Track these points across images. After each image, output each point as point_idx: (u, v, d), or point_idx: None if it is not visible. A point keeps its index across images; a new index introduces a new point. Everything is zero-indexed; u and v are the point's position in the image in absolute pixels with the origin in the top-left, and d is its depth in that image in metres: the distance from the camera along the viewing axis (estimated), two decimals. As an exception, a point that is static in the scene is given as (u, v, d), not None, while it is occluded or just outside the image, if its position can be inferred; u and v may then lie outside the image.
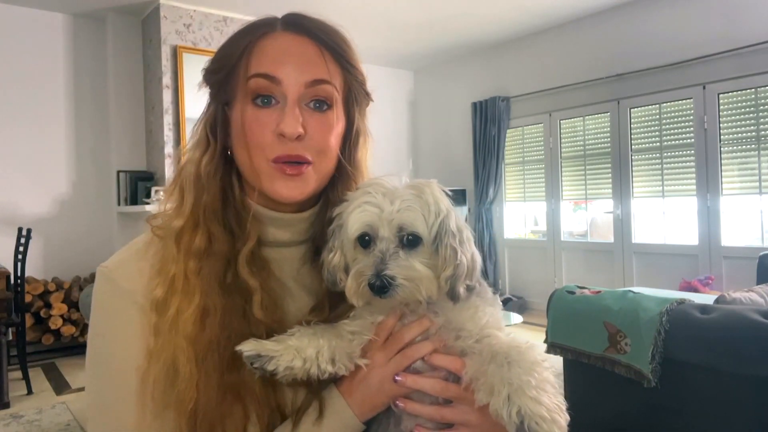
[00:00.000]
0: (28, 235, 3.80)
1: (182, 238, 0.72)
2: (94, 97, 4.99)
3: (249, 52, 0.72)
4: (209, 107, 0.78)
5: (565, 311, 2.35)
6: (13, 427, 3.05)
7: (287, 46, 0.73)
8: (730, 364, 1.79)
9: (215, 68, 0.76)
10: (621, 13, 5.00)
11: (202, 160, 0.75)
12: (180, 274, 0.70)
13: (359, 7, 4.91)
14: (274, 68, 0.71)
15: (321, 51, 0.73)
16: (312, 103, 0.73)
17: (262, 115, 0.71)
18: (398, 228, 0.69)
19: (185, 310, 0.69)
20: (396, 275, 0.67)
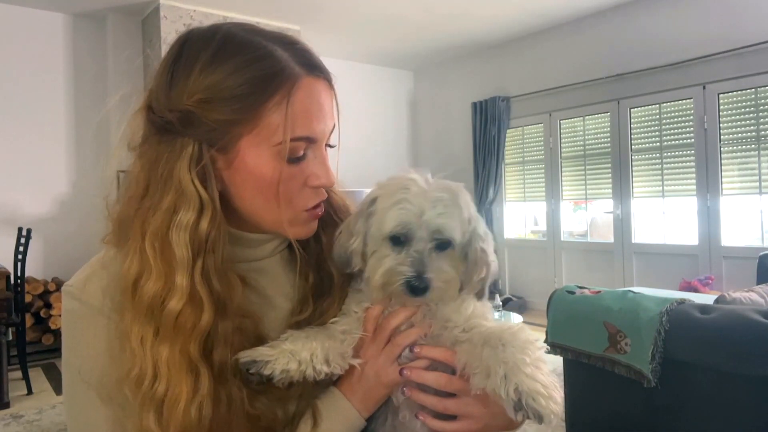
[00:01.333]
0: (28, 235, 3.80)
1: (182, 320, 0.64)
2: (94, 97, 4.99)
3: (289, 111, 0.66)
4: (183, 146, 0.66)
5: (565, 311, 2.35)
6: (13, 427, 3.05)
7: (320, 98, 0.71)
8: (730, 364, 1.79)
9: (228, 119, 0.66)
10: (621, 13, 5.00)
11: (201, 225, 0.66)
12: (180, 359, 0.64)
13: (359, 7, 4.91)
14: (314, 129, 0.70)
15: (332, 94, 0.74)
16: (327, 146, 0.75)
17: (295, 171, 0.70)
18: (435, 231, 0.71)
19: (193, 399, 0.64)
20: (434, 278, 0.69)
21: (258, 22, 5.64)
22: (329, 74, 0.73)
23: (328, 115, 0.72)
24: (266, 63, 0.67)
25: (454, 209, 0.72)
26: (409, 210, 0.71)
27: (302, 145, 0.69)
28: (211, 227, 0.67)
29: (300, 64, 0.70)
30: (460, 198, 0.73)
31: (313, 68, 0.71)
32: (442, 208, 0.71)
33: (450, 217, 0.71)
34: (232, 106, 0.65)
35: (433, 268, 0.70)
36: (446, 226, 0.71)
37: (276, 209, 0.70)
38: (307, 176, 0.71)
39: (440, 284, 0.70)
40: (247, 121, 0.66)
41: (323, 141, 0.72)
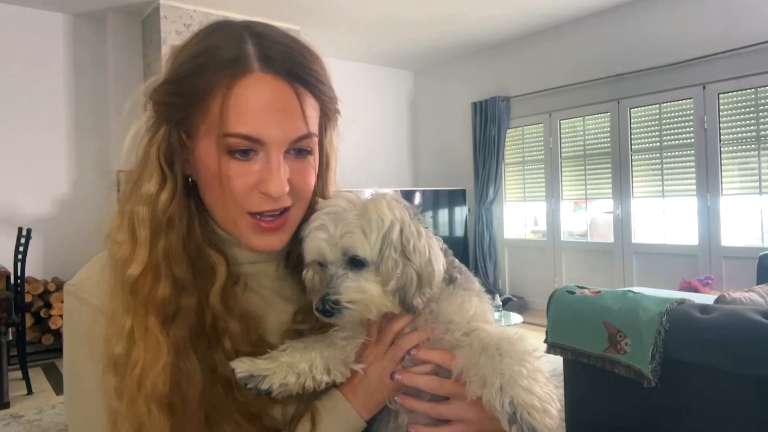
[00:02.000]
0: (28, 235, 3.80)
1: (140, 289, 0.66)
2: (94, 97, 4.99)
3: (224, 103, 0.64)
4: (158, 128, 0.69)
5: (565, 311, 2.35)
6: (13, 427, 3.05)
7: (269, 98, 0.65)
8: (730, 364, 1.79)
9: (176, 102, 0.67)
10: (621, 13, 5.00)
11: (159, 199, 0.68)
12: (140, 328, 0.65)
13: (359, 7, 4.91)
14: (258, 130, 0.65)
15: (301, 97, 0.67)
16: (293, 152, 0.69)
17: (240, 168, 0.66)
18: (343, 251, 0.69)
19: (151, 368, 0.64)
20: (340, 299, 0.68)
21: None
22: (293, 72, 0.67)
23: (285, 117, 0.66)
24: (222, 51, 0.66)
25: (359, 224, 0.69)
26: (319, 237, 0.70)
27: (244, 143, 0.65)
28: (169, 202, 0.68)
29: (260, 59, 0.66)
30: (370, 210, 0.69)
31: (270, 63, 0.66)
32: (346, 227, 0.69)
33: (353, 234, 0.68)
34: (184, 90, 0.66)
35: (342, 289, 0.68)
36: (348, 243, 0.68)
37: (223, 208, 0.69)
38: (258, 180, 0.67)
39: (348, 305, 0.68)
40: (199, 108, 0.66)
41: (277, 144, 0.66)
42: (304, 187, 0.71)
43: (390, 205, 0.70)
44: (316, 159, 0.73)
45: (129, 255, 0.68)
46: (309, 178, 0.72)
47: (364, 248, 0.69)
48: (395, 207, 0.70)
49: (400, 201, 0.72)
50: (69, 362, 0.71)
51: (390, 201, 0.71)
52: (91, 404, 0.69)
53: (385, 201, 0.71)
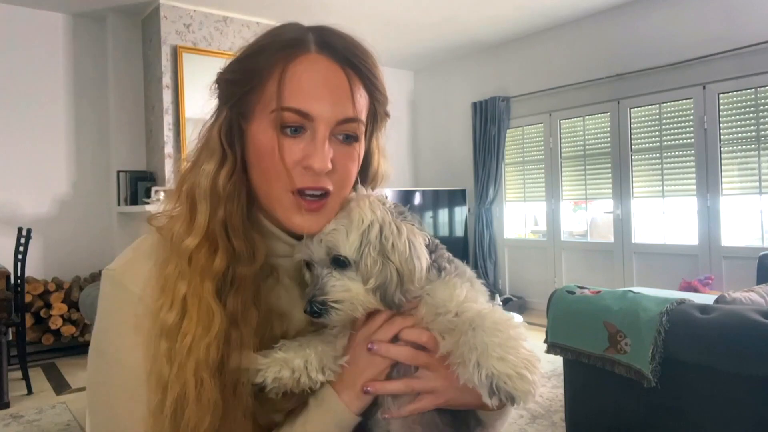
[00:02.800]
0: (28, 235, 3.80)
1: (196, 257, 0.69)
2: (94, 97, 4.99)
3: (282, 78, 0.69)
4: (221, 113, 0.74)
5: (565, 311, 2.35)
6: (13, 427, 3.05)
7: (322, 76, 0.70)
8: (730, 364, 1.79)
9: (238, 79, 0.72)
10: (621, 13, 5.00)
11: (220, 175, 0.72)
12: (193, 296, 0.67)
13: (359, 7, 4.91)
14: (309, 105, 0.68)
15: (352, 82, 0.71)
16: (341, 136, 0.72)
17: (289, 143, 0.69)
18: (326, 250, 0.70)
19: (204, 336, 0.66)
20: (326, 299, 0.69)
21: (258, 23, 5.64)
22: (350, 60, 0.71)
23: (336, 97, 0.69)
24: (282, 36, 0.72)
25: (343, 223, 0.70)
26: (307, 237, 0.72)
27: (295, 118, 0.68)
28: (229, 177, 0.72)
29: (316, 42, 0.71)
30: (353, 210, 0.71)
31: (326, 47, 0.71)
32: (333, 225, 0.71)
33: (336, 233, 0.70)
34: (246, 68, 0.71)
35: (327, 289, 0.69)
36: (331, 242, 0.70)
37: (269, 186, 0.71)
38: (303, 155, 0.69)
39: (335, 305, 0.69)
40: (257, 86, 0.70)
41: (325, 122, 0.69)
42: (345, 172, 0.73)
43: (372, 204, 0.71)
44: (361, 149, 0.75)
45: (186, 227, 0.71)
46: (352, 164, 0.74)
47: (344, 247, 0.69)
48: (377, 206, 0.71)
49: (383, 200, 0.73)
50: (98, 348, 0.72)
51: (373, 201, 0.72)
52: (116, 394, 0.69)
53: (368, 201, 0.72)
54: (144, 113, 5.00)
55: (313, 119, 0.69)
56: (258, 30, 0.77)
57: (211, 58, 4.77)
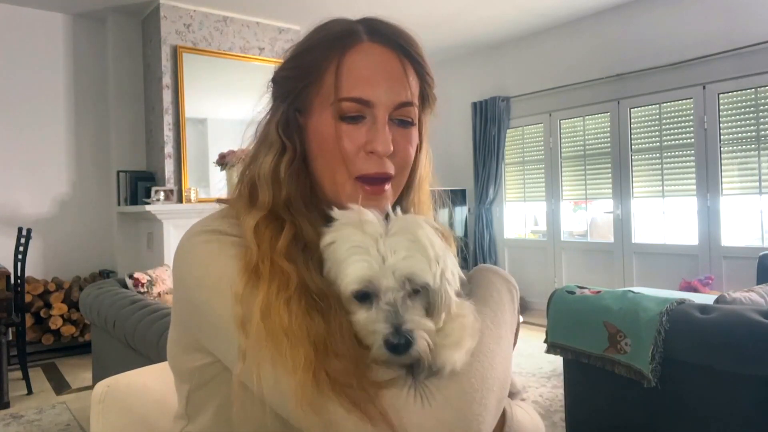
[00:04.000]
0: (28, 235, 3.80)
1: (262, 230, 0.68)
2: (94, 97, 4.99)
3: (339, 70, 0.71)
4: (278, 108, 0.76)
5: (565, 311, 2.35)
6: (13, 427, 3.05)
7: (377, 63, 0.72)
8: (730, 364, 1.80)
9: (294, 75, 0.74)
10: (621, 13, 5.00)
11: (281, 163, 0.73)
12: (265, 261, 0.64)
13: (359, 7, 4.90)
14: (368, 92, 0.70)
15: (405, 67, 0.73)
16: (397, 121, 0.73)
17: (350, 130, 0.71)
18: (404, 279, 0.62)
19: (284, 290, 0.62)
20: (414, 329, 0.61)
21: (258, 23, 5.64)
22: (401, 46, 0.73)
23: (391, 82, 0.71)
24: (333, 30, 0.74)
25: (418, 251, 0.63)
26: (368, 262, 0.62)
27: (355, 107, 0.70)
28: (288, 166, 0.73)
29: (366, 32, 0.73)
30: (421, 236, 0.64)
31: (377, 35, 0.73)
32: (405, 252, 0.63)
33: (417, 261, 0.63)
34: (302, 64, 0.74)
35: (411, 318, 0.61)
36: (415, 270, 0.63)
37: (332, 174, 0.73)
38: (365, 141, 0.71)
39: (423, 335, 0.61)
40: (314, 80, 0.72)
41: (384, 107, 0.71)
42: (405, 155, 0.75)
43: (432, 230, 0.67)
44: (416, 133, 0.77)
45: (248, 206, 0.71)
46: (410, 147, 0.75)
47: (429, 275, 0.63)
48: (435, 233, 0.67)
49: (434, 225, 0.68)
50: (205, 298, 0.67)
51: (429, 226, 0.67)
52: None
53: (429, 225, 0.67)
54: (144, 113, 5.00)
55: (373, 105, 0.71)
56: (258, 30, 0.77)
57: (211, 58, 4.77)
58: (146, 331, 2.21)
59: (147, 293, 3.11)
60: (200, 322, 0.69)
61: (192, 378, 0.75)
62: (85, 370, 4.03)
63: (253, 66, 4.87)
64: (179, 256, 0.72)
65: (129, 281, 3.16)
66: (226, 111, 4.81)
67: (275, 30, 5.15)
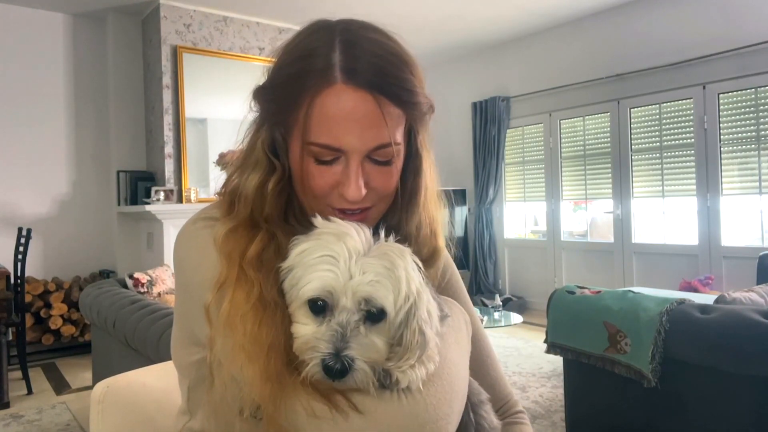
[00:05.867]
0: (28, 235, 3.80)
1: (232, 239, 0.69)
2: (94, 97, 4.99)
3: (308, 113, 0.68)
4: (262, 125, 0.75)
5: (565, 311, 2.35)
6: (13, 427, 3.05)
7: (349, 109, 0.67)
8: (730, 364, 1.80)
9: (272, 99, 0.72)
10: (621, 13, 5.00)
11: (268, 183, 0.72)
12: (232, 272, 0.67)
13: (359, 8, 4.91)
14: (338, 140, 0.67)
15: (381, 107, 0.68)
16: (374, 160, 0.71)
17: (324, 171, 0.70)
18: (363, 301, 0.60)
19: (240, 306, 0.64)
20: (357, 357, 0.58)
21: (258, 23, 5.63)
22: (376, 84, 0.68)
23: (365, 128, 0.67)
24: (309, 62, 0.69)
25: (388, 278, 0.61)
26: (333, 273, 0.60)
27: (325, 152, 0.68)
28: (275, 186, 0.73)
29: (343, 70, 0.67)
30: (399, 267, 0.62)
31: (354, 77, 0.67)
32: (373, 275, 0.60)
33: (383, 287, 0.60)
34: (280, 97, 0.71)
35: (358, 344, 0.59)
36: (376, 294, 0.60)
37: (311, 200, 0.73)
38: (336, 181, 0.70)
39: (363, 366, 0.59)
40: (291, 113, 0.70)
41: (356, 153, 0.68)
42: (384, 189, 0.73)
43: (414, 265, 0.64)
44: (399, 163, 0.74)
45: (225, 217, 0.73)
46: (389, 181, 0.73)
47: (390, 306, 0.61)
48: (416, 270, 0.64)
49: (417, 260, 0.66)
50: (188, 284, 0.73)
51: (412, 260, 0.65)
52: None
53: (409, 259, 0.64)
54: (144, 113, 5.00)
55: (344, 152, 0.68)
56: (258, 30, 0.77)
57: (211, 58, 4.77)
58: (146, 331, 2.21)
59: (147, 293, 3.11)
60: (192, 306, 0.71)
61: (191, 373, 0.76)
62: (85, 370, 4.03)
63: (253, 66, 4.87)
64: (177, 242, 0.75)
65: (129, 281, 3.16)
66: (226, 111, 4.81)
67: (275, 30, 5.15)
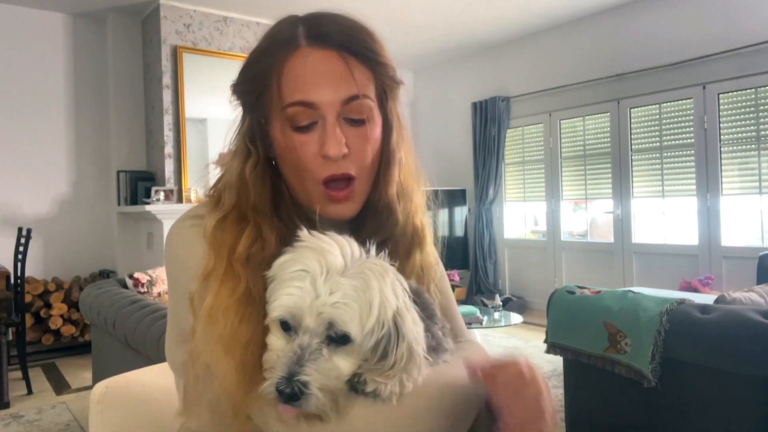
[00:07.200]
0: (28, 235, 3.80)
1: (220, 233, 0.70)
2: (94, 97, 4.99)
3: (279, 79, 0.71)
4: (244, 120, 0.78)
5: (565, 311, 2.35)
6: (13, 427, 3.05)
7: (315, 66, 0.71)
8: (730, 364, 1.79)
9: (245, 89, 0.76)
10: (621, 13, 5.00)
11: (245, 168, 0.74)
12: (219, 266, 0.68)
13: (359, 8, 4.89)
14: (308, 94, 0.70)
15: (348, 63, 0.72)
16: (350, 120, 0.72)
17: (305, 139, 0.71)
18: (327, 323, 0.58)
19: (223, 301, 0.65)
20: (310, 382, 0.56)
21: (258, 23, 5.63)
22: (341, 44, 0.72)
23: (333, 80, 0.70)
24: (274, 38, 0.74)
25: (357, 300, 0.58)
26: (298, 295, 0.59)
27: (302, 111, 0.70)
28: (254, 168, 0.74)
29: (306, 36, 0.72)
30: (373, 289, 0.59)
31: (316, 38, 0.72)
32: (340, 297, 0.58)
33: (349, 310, 0.57)
34: (252, 75, 0.74)
35: (316, 369, 0.57)
36: (340, 318, 0.57)
37: (298, 180, 0.74)
38: (318, 146, 0.71)
39: (317, 393, 0.56)
40: (264, 92, 0.73)
41: (329, 107, 0.70)
42: (362, 155, 0.74)
43: (394, 286, 0.61)
44: (375, 126, 0.75)
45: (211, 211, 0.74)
46: (367, 145, 0.74)
47: (357, 330, 0.58)
48: (399, 290, 0.62)
49: (401, 279, 0.64)
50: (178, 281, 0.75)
51: (395, 281, 0.62)
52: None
53: (389, 279, 0.61)
54: (144, 113, 5.00)
55: (318, 107, 0.70)
56: (258, 30, 0.78)
57: (211, 58, 4.76)
58: (146, 331, 2.21)
59: (147, 293, 3.11)
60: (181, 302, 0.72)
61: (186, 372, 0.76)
62: (85, 370, 4.03)
63: (253, 66, 4.87)
64: (166, 241, 0.78)
65: (129, 281, 3.16)
66: (226, 111, 4.76)
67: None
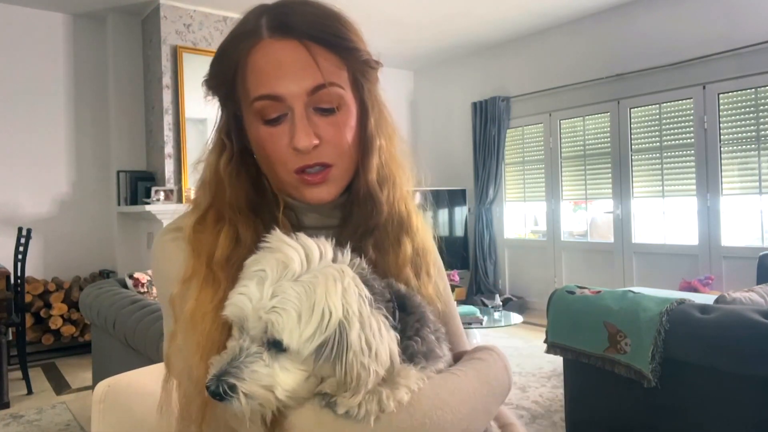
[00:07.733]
0: (28, 235, 3.80)
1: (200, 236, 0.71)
2: (94, 97, 4.99)
3: (244, 73, 0.71)
4: (221, 115, 0.78)
5: (565, 311, 2.35)
6: (13, 427, 3.05)
7: (278, 57, 0.69)
8: (730, 364, 1.80)
9: (215, 84, 0.76)
10: (621, 13, 5.00)
11: (220, 162, 0.75)
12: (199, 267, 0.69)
13: (359, 7, 4.91)
14: (272, 87, 0.69)
15: (312, 52, 0.69)
16: (319, 110, 0.71)
17: (275, 131, 0.70)
18: (264, 328, 0.57)
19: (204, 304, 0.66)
20: (238, 385, 0.56)
21: (258, 22, 5.63)
22: (304, 32, 0.69)
23: (296, 71, 0.68)
24: (238, 30, 0.73)
25: (297, 304, 0.56)
26: (242, 298, 0.58)
27: (270, 105, 0.69)
28: (228, 162, 0.75)
29: (268, 27, 0.71)
30: (319, 294, 0.56)
31: (277, 29, 0.70)
32: (278, 301, 0.56)
33: (284, 314, 0.55)
34: (220, 69, 0.74)
35: (247, 372, 0.56)
36: (276, 323, 0.56)
37: (273, 170, 0.73)
38: (288, 139, 0.70)
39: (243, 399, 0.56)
40: (233, 87, 0.73)
41: (296, 98, 0.68)
42: (337, 143, 0.72)
43: (346, 293, 0.57)
44: (349, 112, 0.73)
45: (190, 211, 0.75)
46: (341, 134, 0.72)
47: (291, 337, 0.56)
48: (352, 296, 0.58)
49: (360, 285, 0.60)
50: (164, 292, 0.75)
51: (348, 287, 0.58)
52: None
53: (341, 286, 0.58)
54: (144, 113, 5.00)
55: (284, 99, 0.69)
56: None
57: (211, 58, 4.74)
58: (146, 331, 2.21)
59: (147, 293, 3.11)
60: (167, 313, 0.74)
61: None
62: (85, 370, 4.03)
63: (253, 66, 4.87)
64: (152, 255, 0.78)
65: (129, 281, 3.16)
66: (226, 111, 4.80)
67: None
